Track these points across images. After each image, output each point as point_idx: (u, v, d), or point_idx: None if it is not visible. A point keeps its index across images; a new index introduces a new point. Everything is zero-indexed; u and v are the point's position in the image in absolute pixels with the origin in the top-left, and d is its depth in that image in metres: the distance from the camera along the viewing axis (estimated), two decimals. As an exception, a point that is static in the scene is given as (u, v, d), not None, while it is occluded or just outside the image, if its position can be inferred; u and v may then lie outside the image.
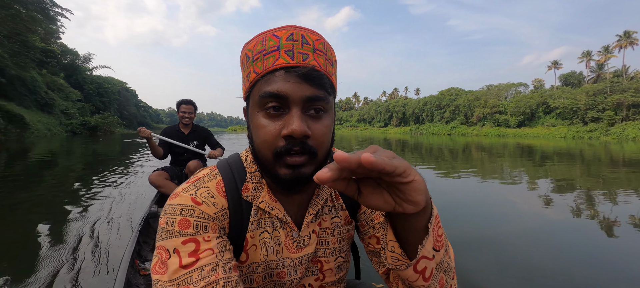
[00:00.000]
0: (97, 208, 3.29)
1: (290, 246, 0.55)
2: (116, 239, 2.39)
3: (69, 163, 7.67)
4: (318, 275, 0.59)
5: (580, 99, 42.15)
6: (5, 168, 6.45)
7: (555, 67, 59.25)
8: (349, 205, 0.60)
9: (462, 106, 58.16)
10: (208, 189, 0.49)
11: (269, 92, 0.43)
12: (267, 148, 0.45)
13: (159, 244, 0.44)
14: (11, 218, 3.07)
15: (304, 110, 0.44)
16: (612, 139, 31.34)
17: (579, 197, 4.40)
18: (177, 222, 0.44)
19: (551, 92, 50.30)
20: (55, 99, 28.56)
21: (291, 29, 0.45)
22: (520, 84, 56.90)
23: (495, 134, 47.38)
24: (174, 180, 2.84)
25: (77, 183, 4.79)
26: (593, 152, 13.41)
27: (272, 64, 0.43)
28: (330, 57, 0.48)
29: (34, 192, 4.10)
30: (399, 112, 75.55)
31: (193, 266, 0.41)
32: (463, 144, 18.73)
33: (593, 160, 9.92)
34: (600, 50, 52.81)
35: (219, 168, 0.54)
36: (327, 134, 0.47)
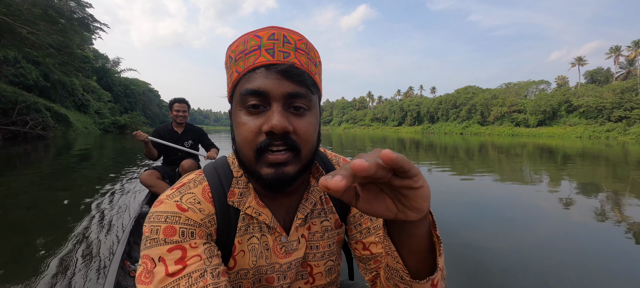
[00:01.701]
0: (90, 207, 3.22)
1: (278, 251, 0.54)
2: (106, 240, 2.35)
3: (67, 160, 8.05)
4: (308, 278, 0.59)
5: (607, 97, 40.20)
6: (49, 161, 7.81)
7: (580, 63, 56.55)
8: (339, 209, 0.60)
9: (478, 105, 56.86)
10: (194, 195, 0.49)
11: (249, 89, 0.43)
12: (247, 146, 0.45)
13: (144, 253, 0.43)
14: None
15: (285, 107, 0.44)
16: (631, 139, 29.88)
17: (600, 200, 4.17)
18: (162, 229, 0.43)
19: (575, 90, 48.24)
20: (90, 100, 31.40)
21: (273, 29, 0.45)
22: (541, 82, 54.81)
23: (508, 133, 46.23)
24: (165, 179, 2.78)
25: (78, 181, 4.80)
26: (612, 152, 13.25)
27: (253, 63, 0.44)
28: (313, 57, 0.48)
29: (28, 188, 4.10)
30: (413, 111, 74.80)
31: (180, 274, 0.40)
32: (473, 144, 18.86)
33: (609, 160, 9.93)
34: (630, 46, 49.88)
35: (205, 173, 0.53)
36: (310, 131, 0.46)
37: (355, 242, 0.61)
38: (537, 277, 2.02)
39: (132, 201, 3.43)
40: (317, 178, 0.56)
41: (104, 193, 3.84)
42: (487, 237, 2.75)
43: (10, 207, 3.33)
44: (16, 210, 3.23)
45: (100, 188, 4.14)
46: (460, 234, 2.79)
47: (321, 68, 0.52)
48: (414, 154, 11.11)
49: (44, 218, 3.00)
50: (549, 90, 53.93)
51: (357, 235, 0.60)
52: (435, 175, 6.34)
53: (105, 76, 44.87)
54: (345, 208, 0.61)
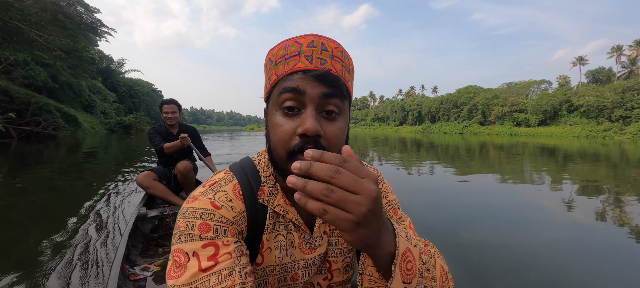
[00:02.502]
0: (88, 208, 3.18)
1: (304, 248, 0.57)
2: (104, 243, 2.29)
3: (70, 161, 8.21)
4: (326, 274, 0.62)
5: (608, 96, 40.24)
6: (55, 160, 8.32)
7: (581, 63, 56.43)
8: None
9: (479, 104, 56.99)
10: (226, 193, 0.51)
11: (286, 87, 0.46)
12: (282, 147, 0.47)
13: (177, 247, 0.44)
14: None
15: (318, 109, 0.46)
16: (627, 139, 29.99)
17: (600, 199, 4.17)
18: (198, 225, 0.45)
19: (576, 90, 48.23)
20: (96, 101, 32.11)
21: (312, 37, 0.48)
22: (542, 81, 54.78)
23: (507, 133, 46.36)
24: (162, 181, 2.77)
25: (79, 183, 4.75)
26: (607, 151, 13.51)
27: (292, 67, 0.46)
28: (347, 65, 0.50)
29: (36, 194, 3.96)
30: (415, 110, 74.93)
31: (211, 270, 0.42)
32: (472, 143, 19.18)
33: (604, 158, 10.16)
34: (632, 45, 49.73)
35: (233, 172, 0.56)
36: (339, 136, 0.48)
37: None
38: (542, 277, 1.99)
39: (128, 203, 3.35)
40: None
41: (102, 195, 3.80)
42: (487, 237, 2.72)
43: (12, 208, 3.30)
44: (16, 211, 3.22)
45: (98, 189, 4.11)
46: (460, 234, 2.77)
47: (354, 75, 0.55)
48: (414, 154, 11.28)
49: (44, 218, 2.96)
50: (550, 89, 53.95)
51: None
52: (437, 173, 6.51)
53: (110, 77, 45.65)
54: None
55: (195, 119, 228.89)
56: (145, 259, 1.79)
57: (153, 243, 2.10)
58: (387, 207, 0.63)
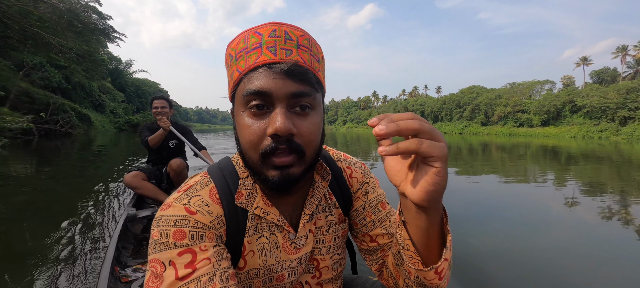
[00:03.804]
0: (77, 210, 2.98)
1: (289, 248, 0.55)
2: (93, 244, 2.18)
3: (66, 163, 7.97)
4: (315, 273, 0.60)
5: (611, 97, 40.08)
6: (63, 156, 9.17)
7: (585, 63, 56.02)
8: (342, 204, 0.61)
9: (482, 105, 57.04)
10: (201, 197, 0.48)
11: (251, 89, 0.42)
12: (253, 149, 0.44)
13: (153, 257, 0.42)
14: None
15: (289, 107, 0.43)
16: (623, 139, 30.15)
17: (596, 195, 4.11)
18: (172, 233, 0.43)
19: (580, 90, 48.01)
20: (106, 101, 33.48)
21: (274, 26, 0.43)
22: (546, 82, 54.59)
23: (506, 133, 46.65)
24: (152, 180, 2.67)
25: (63, 188, 4.30)
26: (603, 150, 13.81)
27: (254, 61, 0.42)
28: (315, 53, 0.46)
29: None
30: (418, 110, 74.96)
31: (190, 277, 0.40)
32: (471, 144, 19.64)
33: (599, 157, 10.46)
34: (637, 45, 49.29)
35: (210, 174, 0.53)
36: (314, 132, 0.46)
37: (361, 235, 0.62)
38: (547, 280, 1.91)
39: (117, 203, 3.22)
40: (321, 174, 0.58)
41: (92, 195, 3.61)
42: (486, 237, 2.67)
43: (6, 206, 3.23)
44: (10, 208, 3.17)
45: (90, 189, 3.94)
46: (461, 232, 2.72)
47: (324, 64, 0.50)
48: None
49: (31, 218, 2.83)
50: (555, 90, 53.74)
51: (363, 229, 0.61)
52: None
53: (118, 77, 47.11)
54: (347, 203, 0.62)
55: (201, 118, 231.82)
56: (137, 260, 1.73)
57: (145, 243, 2.02)
58: (375, 201, 0.62)
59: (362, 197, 0.62)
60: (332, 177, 0.60)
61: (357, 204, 0.62)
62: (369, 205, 0.62)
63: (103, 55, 22.55)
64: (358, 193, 0.63)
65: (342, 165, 0.64)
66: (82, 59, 15.16)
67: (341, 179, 0.62)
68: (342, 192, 0.62)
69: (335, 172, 0.62)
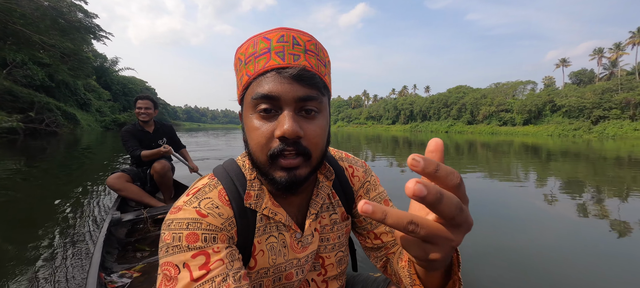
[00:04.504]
0: (58, 216, 2.77)
1: (296, 246, 0.56)
2: (76, 251, 2.04)
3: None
4: (320, 270, 0.62)
5: (588, 97, 42.18)
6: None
7: (564, 65, 58.49)
8: (345, 202, 0.63)
9: (468, 104, 58.75)
10: (211, 200, 0.49)
11: (260, 93, 0.43)
12: (261, 151, 0.45)
13: (166, 260, 0.43)
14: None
15: (296, 110, 0.44)
16: (594, 137, 31.97)
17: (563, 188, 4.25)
18: (185, 236, 0.43)
19: (559, 91, 50.22)
20: (91, 99, 32.79)
21: (282, 31, 0.45)
22: (528, 82, 56.64)
23: (488, 132, 48.41)
24: (136, 182, 2.59)
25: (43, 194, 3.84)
26: (575, 147, 14.56)
27: (263, 66, 0.44)
28: (322, 58, 0.48)
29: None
30: (407, 109, 76.45)
31: (204, 278, 0.41)
32: (456, 142, 20.36)
33: (569, 153, 11.03)
34: (611, 47, 51.84)
35: (217, 177, 0.54)
36: (320, 135, 0.47)
37: (366, 233, 0.64)
38: (533, 274, 1.84)
39: (99, 207, 3.04)
40: (324, 174, 0.59)
41: (72, 198, 3.37)
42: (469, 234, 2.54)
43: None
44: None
45: (70, 192, 3.68)
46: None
47: (330, 68, 0.52)
48: (406, 152, 11.71)
49: (12, 222, 2.65)
50: (537, 90, 55.92)
51: (368, 227, 0.63)
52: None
53: (103, 75, 46.08)
54: (350, 201, 0.64)
55: (190, 117, 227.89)
56: (123, 265, 1.68)
57: (130, 248, 1.97)
58: (377, 199, 0.64)
59: (364, 196, 0.65)
60: (335, 176, 0.62)
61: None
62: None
63: (88, 52, 22.22)
64: (360, 191, 0.65)
65: (344, 164, 0.66)
66: (67, 57, 15.03)
67: (343, 178, 0.64)
68: (344, 191, 0.63)
69: (338, 171, 0.63)
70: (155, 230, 2.19)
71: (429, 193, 0.23)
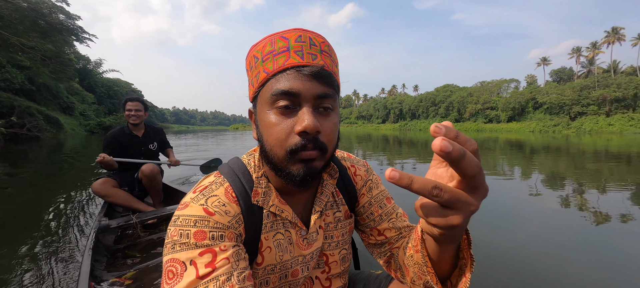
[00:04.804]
0: (41, 223, 2.66)
1: (301, 243, 0.58)
2: (63, 261, 1.97)
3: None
4: (324, 268, 0.63)
5: (567, 94, 44.04)
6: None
7: (545, 63, 60.77)
8: (348, 200, 0.65)
9: (455, 102, 60.18)
10: (218, 197, 0.50)
11: (281, 89, 0.44)
12: (280, 147, 0.46)
13: (172, 257, 0.43)
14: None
15: (314, 107, 0.46)
16: (572, 132, 33.56)
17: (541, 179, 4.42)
18: (193, 233, 0.44)
19: (541, 88, 52.19)
20: (74, 103, 31.75)
21: (299, 32, 0.47)
22: (512, 80, 58.54)
23: (474, 129, 49.98)
24: (123, 187, 2.49)
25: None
26: (553, 142, 15.18)
27: (283, 64, 0.45)
28: (334, 58, 0.50)
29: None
30: (396, 108, 77.55)
31: (209, 276, 0.42)
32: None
33: (549, 148, 11.56)
34: (588, 46, 54.23)
35: (223, 174, 0.55)
36: (335, 131, 0.49)
37: (369, 230, 0.66)
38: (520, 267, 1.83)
39: (84, 214, 2.90)
40: (328, 172, 0.61)
41: (56, 205, 3.22)
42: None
43: None
44: None
45: (53, 199, 3.50)
46: None
47: (338, 69, 0.54)
48: (396, 150, 11.79)
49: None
50: (520, 88, 57.88)
51: (371, 224, 0.65)
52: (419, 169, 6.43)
53: (87, 77, 44.67)
54: (353, 199, 0.65)
55: (178, 119, 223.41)
56: (113, 273, 1.64)
57: (119, 255, 1.91)
58: (380, 196, 0.67)
59: (367, 194, 0.67)
60: (338, 175, 0.63)
61: (363, 201, 0.66)
62: (375, 200, 0.66)
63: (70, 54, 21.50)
64: (363, 190, 0.67)
65: (346, 163, 0.68)
66: (49, 59, 14.52)
67: (346, 177, 0.66)
68: (347, 190, 0.65)
69: (341, 170, 0.65)
70: (145, 236, 2.13)
71: (454, 149, 0.25)
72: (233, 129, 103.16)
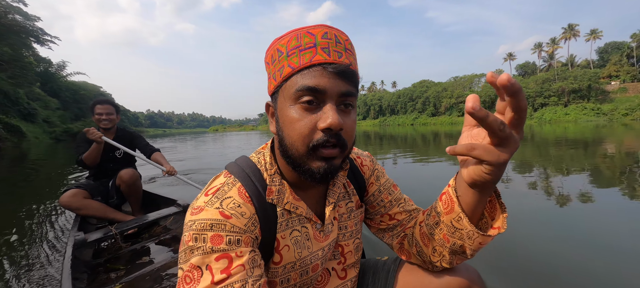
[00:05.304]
0: (5, 246, 2.31)
1: (319, 236, 0.59)
2: (36, 282, 1.75)
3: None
4: (340, 258, 0.64)
5: (531, 86, 47.33)
6: None
7: (510, 58, 64.82)
8: (358, 191, 0.67)
9: (431, 97, 62.55)
10: (232, 199, 0.49)
11: (307, 85, 0.45)
12: (302, 142, 0.47)
13: (189, 262, 0.43)
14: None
15: (337, 104, 0.47)
16: (534, 122, 36.54)
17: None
18: (209, 238, 0.43)
19: (508, 82, 55.53)
20: (37, 109, 29.26)
21: (325, 28, 0.47)
22: (482, 75, 61.74)
23: (448, 122, 52.42)
24: (96, 197, 2.26)
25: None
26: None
27: (309, 60, 0.45)
28: (356, 57, 0.51)
29: None
30: (376, 105, 79.14)
31: (224, 282, 0.42)
32: (420, 133, 21.59)
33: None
34: (548, 42, 58.55)
35: (233, 174, 0.54)
36: (354, 127, 0.51)
37: (379, 216, 0.69)
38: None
39: (53, 229, 2.56)
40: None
41: (18, 221, 2.90)
42: None
43: None
44: None
45: (14, 214, 3.15)
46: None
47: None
48: (377, 145, 11.94)
49: None
50: (490, 82, 61.01)
51: (382, 210, 0.68)
52: (400, 163, 6.41)
53: (49, 81, 41.39)
54: (362, 190, 0.68)
55: (153, 123, 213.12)
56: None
57: (101, 270, 1.77)
58: (387, 184, 0.70)
59: (375, 183, 0.70)
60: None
61: (371, 189, 0.69)
62: (384, 188, 0.70)
63: (29, 57, 19.84)
64: (371, 179, 0.70)
65: (353, 155, 0.71)
66: (6, 63, 13.30)
67: (355, 168, 0.68)
68: (356, 180, 0.68)
69: (350, 162, 0.68)
70: (127, 247, 1.99)
71: (516, 82, 0.33)
72: (213, 130, 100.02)
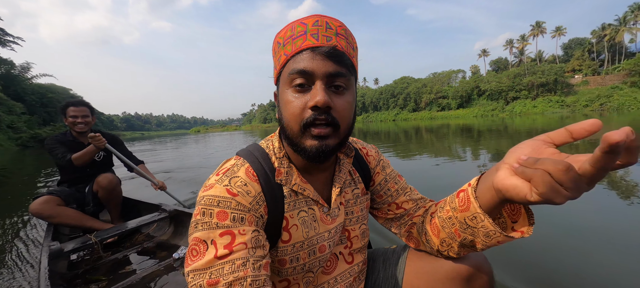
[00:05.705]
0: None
1: (326, 219, 0.61)
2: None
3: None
4: (347, 243, 0.66)
5: (504, 81, 49.96)
6: None
7: (485, 55, 67.97)
8: (364, 179, 0.69)
9: (412, 93, 64.37)
10: (240, 178, 0.52)
11: (296, 69, 0.49)
12: (295, 121, 0.50)
13: (196, 236, 0.46)
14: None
15: (327, 85, 0.50)
16: (506, 115, 38.74)
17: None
18: (216, 213, 0.46)
19: (483, 77, 58.38)
20: (0, 114, 27.29)
21: (317, 17, 0.51)
22: (459, 71, 64.32)
23: (428, 117, 54.38)
24: (71, 204, 2.11)
25: None
26: (497, 126, 17.28)
27: (300, 46, 0.50)
28: (351, 41, 0.54)
29: None
30: (359, 101, 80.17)
31: (226, 258, 0.44)
32: (404, 128, 22.24)
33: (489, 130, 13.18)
34: (518, 39, 61.95)
35: (243, 156, 0.58)
36: (348, 108, 0.52)
37: (387, 205, 0.71)
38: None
39: (19, 240, 2.40)
40: (344, 152, 0.65)
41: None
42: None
43: None
44: None
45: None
46: None
47: (358, 52, 0.58)
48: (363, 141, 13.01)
49: None
50: (467, 77, 63.89)
51: (389, 199, 0.70)
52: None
53: (12, 84, 38.56)
54: (367, 177, 0.71)
55: (130, 126, 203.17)
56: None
57: (79, 282, 1.65)
58: (393, 174, 0.73)
59: (381, 172, 0.72)
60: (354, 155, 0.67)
61: (378, 179, 0.71)
62: (390, 177, 0.72)
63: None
64: (376, 169, 0.72)
65: (357, 145, 0.73)
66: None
67: (360, 157, 0.71)
68: (362, 169, 0.70)
69: (355, 152, 0.70)
70: (108, 256, 1.85)
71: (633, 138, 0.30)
72: (194, 132, 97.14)
